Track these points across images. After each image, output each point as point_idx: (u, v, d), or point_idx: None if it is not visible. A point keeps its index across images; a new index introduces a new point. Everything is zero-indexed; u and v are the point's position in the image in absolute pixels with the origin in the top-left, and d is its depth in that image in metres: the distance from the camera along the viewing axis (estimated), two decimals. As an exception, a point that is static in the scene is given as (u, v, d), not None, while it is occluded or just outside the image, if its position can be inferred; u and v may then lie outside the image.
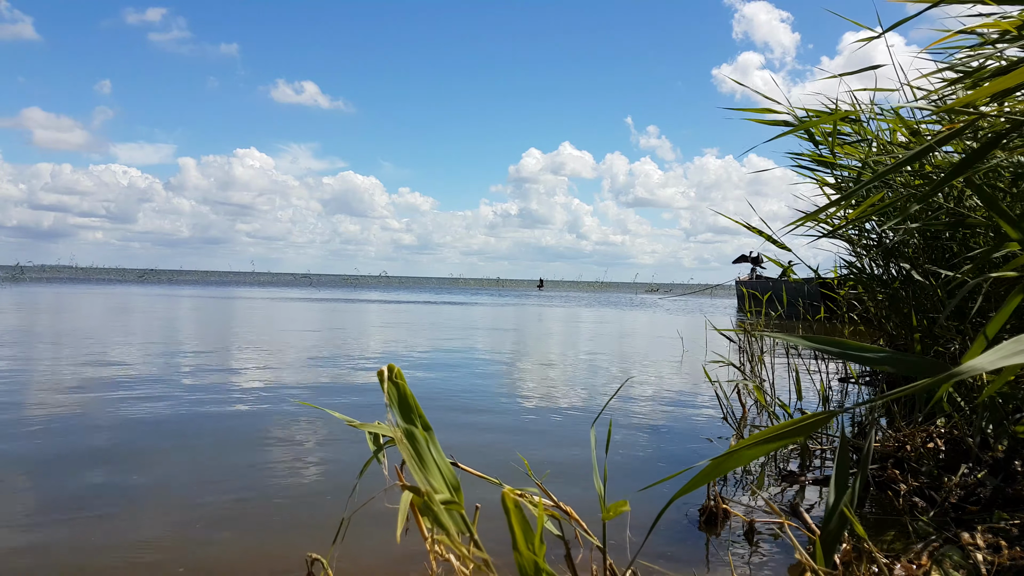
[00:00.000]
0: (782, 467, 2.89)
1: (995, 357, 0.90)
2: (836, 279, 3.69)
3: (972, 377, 2.47)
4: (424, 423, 1.15)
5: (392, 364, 1.16)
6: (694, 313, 19.03)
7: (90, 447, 3.05)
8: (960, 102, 1.37)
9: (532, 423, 3.80)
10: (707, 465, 1.04)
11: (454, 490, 1.12)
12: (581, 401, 4.55)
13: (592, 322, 14.43)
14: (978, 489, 2.09)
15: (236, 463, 2.85)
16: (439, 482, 1.09)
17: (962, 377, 0.91)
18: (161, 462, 2.86)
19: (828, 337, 1.12)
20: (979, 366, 0.89)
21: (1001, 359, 0.90)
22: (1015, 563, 1.58)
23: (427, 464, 1.10)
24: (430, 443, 1.13)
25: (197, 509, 2.28)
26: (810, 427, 1.04)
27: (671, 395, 4.81)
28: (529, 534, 1.07)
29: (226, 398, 4.29)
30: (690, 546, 2.03)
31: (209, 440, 3.23)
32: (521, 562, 1.07)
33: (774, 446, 1.04)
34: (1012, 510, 1.90)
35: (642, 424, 3.79)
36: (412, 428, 1.11)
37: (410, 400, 1.14)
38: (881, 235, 3.18)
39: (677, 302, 29.56)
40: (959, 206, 2.49)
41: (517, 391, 4.94)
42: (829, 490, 1.12)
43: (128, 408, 3.89)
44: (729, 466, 1.05)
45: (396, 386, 1.14)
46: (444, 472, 1.12)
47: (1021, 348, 0.92)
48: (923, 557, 1.67)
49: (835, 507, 1.07)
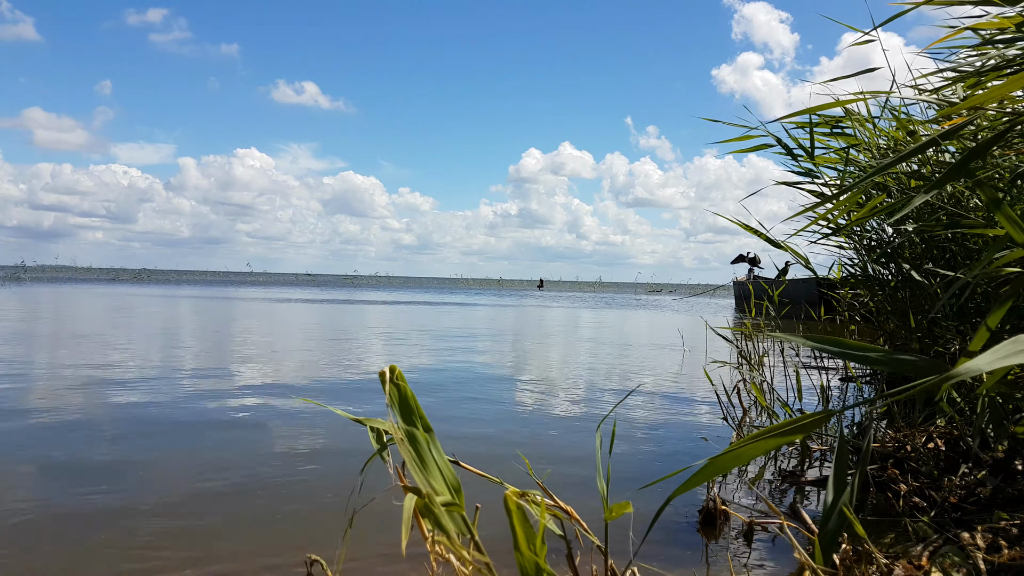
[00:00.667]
0: (782, 468, 2.90)
1: (993, 358, 0.91)
2: (838, 279, 3.70)
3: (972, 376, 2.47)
4: (425, 424, 1.15)
5: (394, 365, 1.16)
6: (694, 313, 19.03)
7: (90, 447, 3.05)
8: (963, 105, 1.38)
9: (531, 424, 3.81)
10: (705, 463, 1.04)
11: (455, 491, 1.12)
12: (582, 404, 4.55)
13: (593, 324, 14.43)
14: (978, 489, 2.09)
15: (236, 462, 2.85)
16: (440, 483, 1.09)
17: (960, 378, 0.91)
18: (161, 460, 2.86)
19: (828, 337, 1.12)
20: (976, 367, 0.90)
21: (999, 360, 0.90)
22: (1015, 563, 1.58)
23: (428, 465, 1.10)
24: (431, 444, 1.13)
25: (197, 507, 2.28)
26: (809, 426, 1.05)
27: (671, 396, 4.82)
28: (531, 535, 1.07)
29: (222, 405, 4.29)
30: (689, 547, 2.03)
31: (209, 438, 3.24)
32: (523, 563, 1.07)
33: (773, 444, 1.04)
34: (1012, 510, 1.90)
35: (642, 426, 3.80)
36: (413, 429, 1.11)
37: (411, 401, 1.14)
38: (880, 237, 3.19)
39: (677, 302, 29.56)
40: (958, 207, 2.49)
41: (518, 393, 4.94)
42: (828, 489, 1.12)
43: (127, 405, 3.89)
44: (728, 464, 1.05)
45: (397, 387, 1.15)
46: (445, 473, 1.12)
47: (1018, 348, 0.93)
48: (923, 557, 1.68)
49: (834, 506, 1.07)
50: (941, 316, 2.77)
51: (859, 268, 3.41)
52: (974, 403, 2.40)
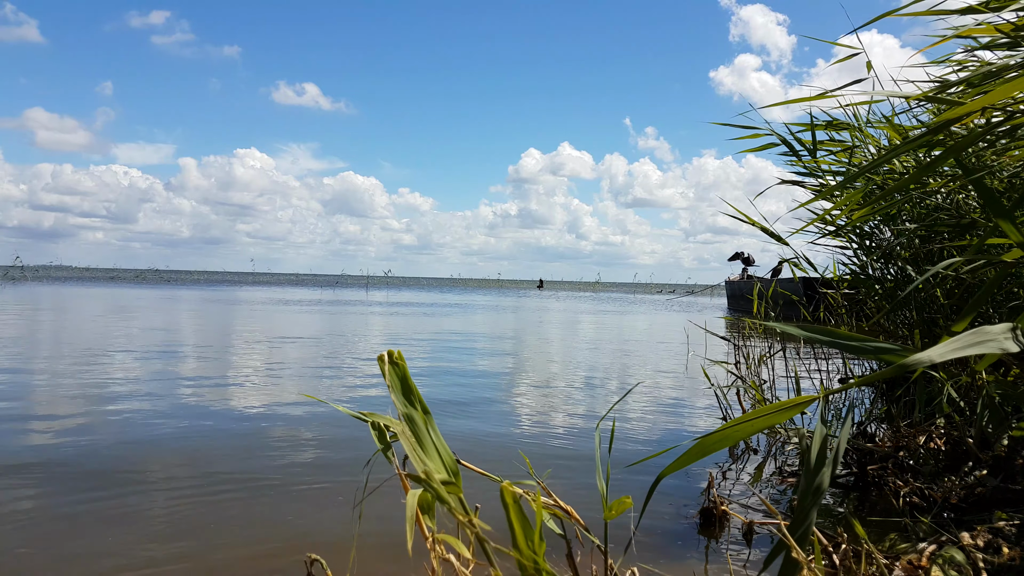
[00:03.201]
0: (781, 468, 2.90)
1: (946, 349, 0.93)
2: (835, 278, 3.70)
3: (973, 376, 2.47)
4: (423, 407, 1.16)
5: (392, 349, 1.16)
6: (691, 312, 19.03)
7: (90, 446, 3.05)
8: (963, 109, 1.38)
9: (532, 424, 3.81)
10: (694, 443, 1.04)
11: (453, 474, 1.12)
12: (582, 406, 4.55)
13: (592, 324, 14.44)
14: (978, 489, 2.09)
15: (236, 461, 2.85)
16: (438, 464, 1.10)
17: (916, 366, 0.93)
18: (160, 459, 2.86)
19: (820, 327, 1.13)
20: (928, 357, 0.91)
21: (953, 351, 0.92)
22: (1014, 563, 1.58)
23: (426, 446, 1.11)
24: (429, 426, 1.14)
25: (198, 506, 2.28)
26: (792, 409, 1.06)
27: (671, 396, 4.82)
28: (529, 531, 1.07)
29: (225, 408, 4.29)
30: (689, 547, 2.03)
31: (209, 436, 3.24)
32: (521, 560, 1.07)
33: (761, 425, 1.04)
34: (1012, 509, 1.90)
35: (642, 427, 3.80)
36: (412, 411, 1.12)
37: (410, 383, 1.15)
38: (879, 236, 3.19)
39: (675, 301, 29.57)
40: (958, 208, 2.49)
41: (519, 392, 4.95)
42: (803, 474, 1.12)
43: (129, 406, 3.89)
44: (716, 445, 1.05)
45: (396, 368, 1.15)
46: (443, 455, 1.13)
47: (976, 340, 0.95)
48: (923, 557, 1.68)
49: (809, 484, 1.06)
50: (940, 316, 2.77)
51: (857, 267, 3.42)
52: (974, 403, 2.40)
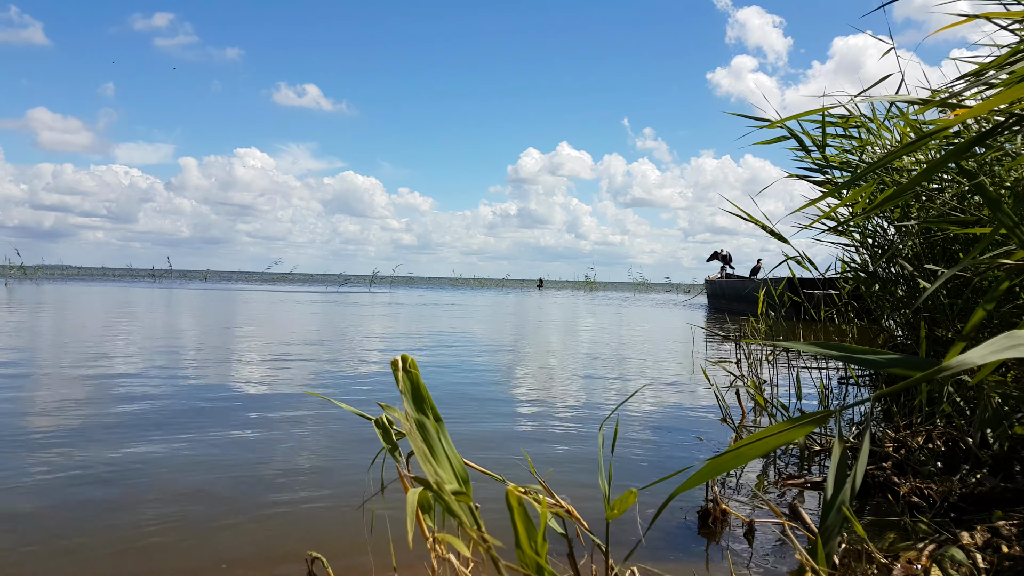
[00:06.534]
0: (782, 469, 2.90)
1: (986, 351, 0.91)
2: (841, 275, 3.70)
3: (971, 375, 2.47)
4: (435, 414, 1.15)
5: (406, 355, 1.16)
6: (684, 309, 19.02)
7: (90, 442, 3.05)
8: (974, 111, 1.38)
9: (531, 424, 3.81)
10: (706, 463, 1.04)
11: (463, 482, 1.12)
12: (582, 407, 4.55)
13: (592, 323, 14.43)
14: (978, 489, 2.09)
15: (237, 460, 2.85)
16: (449, 473, 1.10)
17: (954, 371, 0.91)
18: (160, 458, 2.86)
19: (833, 343, 1.13)
20: (970, 359, 0.90)
21: (992, 353, 0.90)
22: (1014, 563, 1.58)
23: (437, 454, 1.10)
24: (440, 434, 1.13)
25: (198, 505, 2.29)
26: (808, 426, 1.05)
27: (670, 395, 4.82)
28: (532, 532, 1.07)
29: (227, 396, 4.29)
30: (689, 547, 2.03)
31: (209, 433, 3.24)
32: (523, 560, 1.07)
33: (774, 444, 1.04)
34: (1011, 509, 1.90)
35: (642, 428, 3.80)
36: (423, 418, 1.11)
37: (422, 390, 1.15)
38: (883, 236, 3.19)
39: (673, 300, 29.54)
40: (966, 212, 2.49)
41: (518, 391, 4.95)
42: (826, 487, 1.12)
43: (130, 399, 3.89)
44: (729, 465, 1.05)
45: (409, 376, 1.15)
46: (454, 463, 1.12)
47: (1012, 343, 0.93)
48: (923, 557, 1.68)
49: (832, 501, 1.06)
50: (943, 317, 2.77)
51: (860, 266, 3.42)
52: (974, 403, 2.40)
